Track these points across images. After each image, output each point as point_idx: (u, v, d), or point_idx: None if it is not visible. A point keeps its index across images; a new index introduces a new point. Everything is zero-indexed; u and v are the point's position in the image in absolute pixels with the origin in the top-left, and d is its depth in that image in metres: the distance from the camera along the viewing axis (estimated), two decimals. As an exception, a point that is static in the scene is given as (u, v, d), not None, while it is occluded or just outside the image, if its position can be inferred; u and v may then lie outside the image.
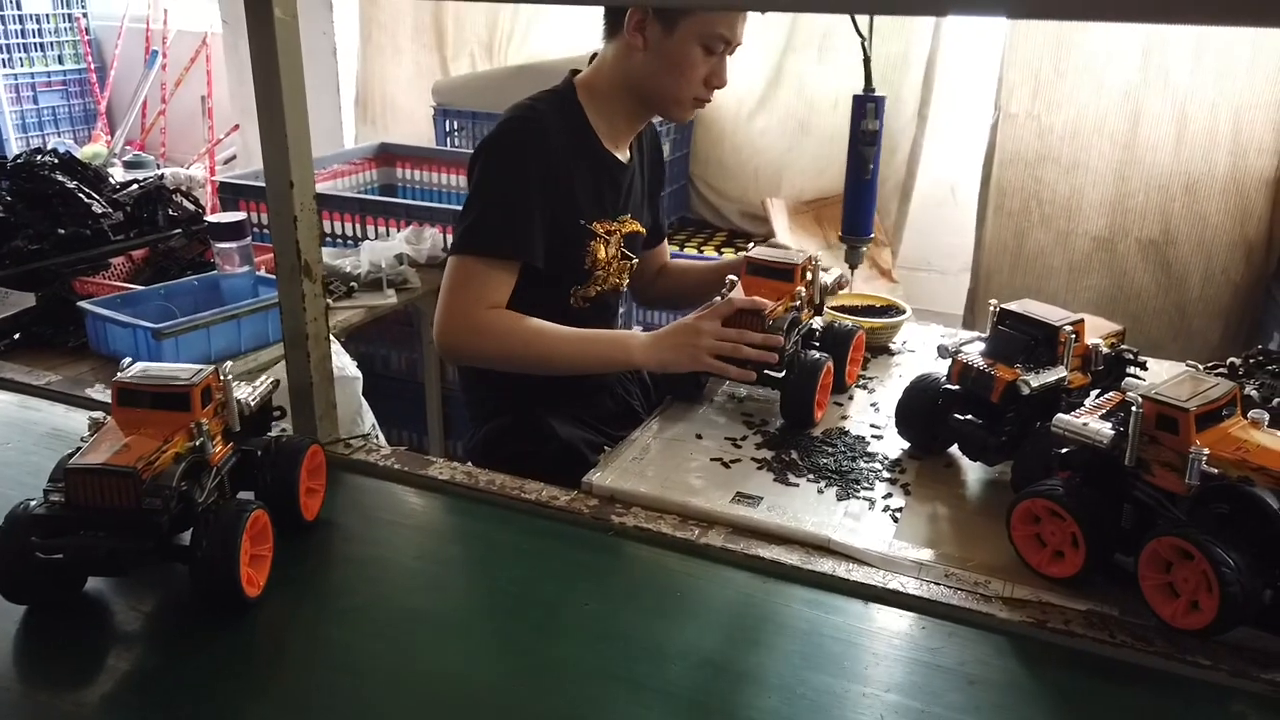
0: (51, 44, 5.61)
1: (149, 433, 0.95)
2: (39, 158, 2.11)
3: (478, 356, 1.54)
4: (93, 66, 5.67)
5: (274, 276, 1.68)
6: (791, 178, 3.56)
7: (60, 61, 5.64)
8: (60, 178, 2.04)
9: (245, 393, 1.07)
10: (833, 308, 1.76)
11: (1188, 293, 3.09)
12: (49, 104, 5.59)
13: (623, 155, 1.62)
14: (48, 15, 5.58)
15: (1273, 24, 0.47)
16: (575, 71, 1.60)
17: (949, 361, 1.31)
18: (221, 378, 1.02)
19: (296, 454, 1.09)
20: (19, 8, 5.49)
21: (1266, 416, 1.01)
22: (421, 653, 0.94)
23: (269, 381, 1.13)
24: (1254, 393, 1.38)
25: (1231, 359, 1.52)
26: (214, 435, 0.99)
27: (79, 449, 0.94)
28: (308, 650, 0.96)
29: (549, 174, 1.49)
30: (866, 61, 1.49)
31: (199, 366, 1.01)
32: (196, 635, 0.94)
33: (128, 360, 1.02)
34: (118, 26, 5.55)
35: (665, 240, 1.88)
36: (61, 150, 2.23)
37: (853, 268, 1.58)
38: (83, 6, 5.70)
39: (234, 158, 4.98)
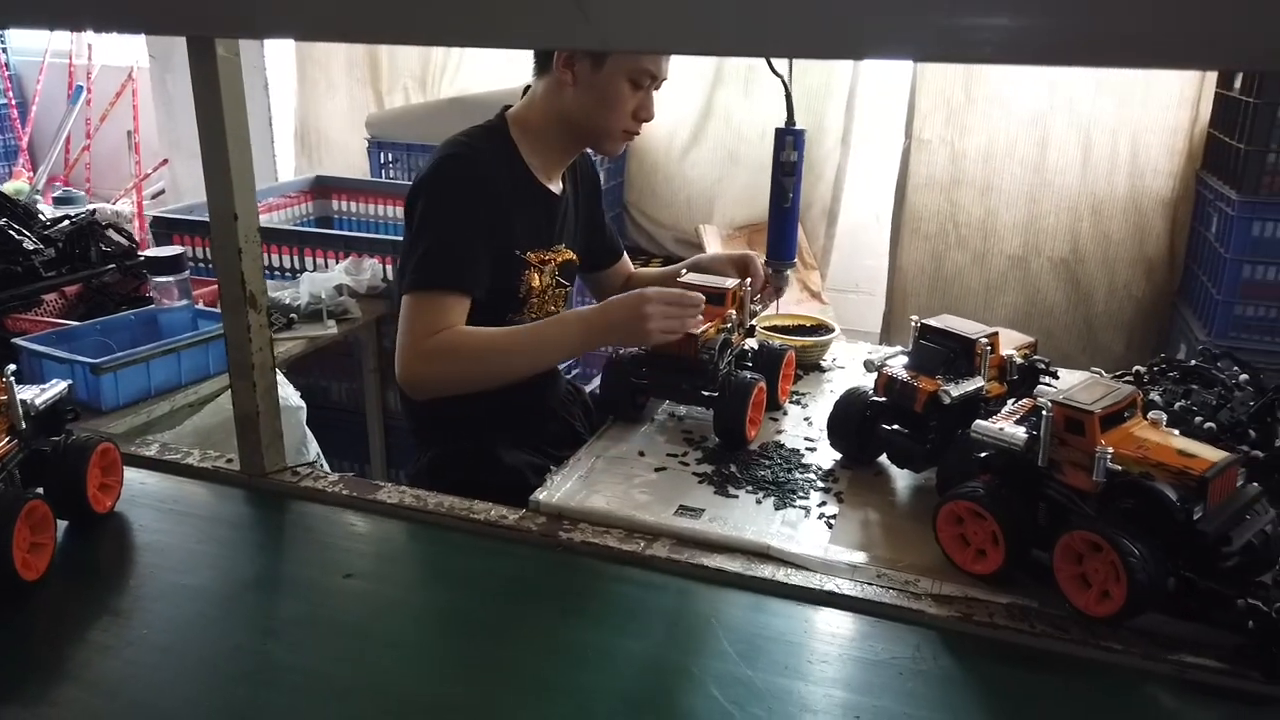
0: (-31, 80, 5.49)
1: None
2: (-35, 195, 2.08)
3: (439, 383, 1.51)
4: (13, 102, 5.54)
5: (213, 309, 1.68)
6: (723, 206, 3.66)
7: (-22, 97, 5.51)
8: (-12, 215, 2.01)
9: (31, 394, 1.14)
10: (765, 328, 1.83)
11: (1094, 307, 3.23)
12: (-34, 140, 5.46)
13: (555, 187, 1.67)
14: (-36, 51, 5.47)
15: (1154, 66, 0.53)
16: (507, 107, 1.65)
17: (875, 375, 1.38)
18: (3, 379, 1.09)
19: (84, 451, 1.16)
20: (-66, 44, 5.36)
21: (1164, 417, 1.10)
22: (215, 635, 1.00)
23: (61, 385, 1.19)
24: (1157, 398, 1.47)
25: (1137, 367, 1.61)
26: None
27: None
28: (88, 630, 1.01)
29: (487, 206, 1.52)
30: (788, 97, 1.57)
31: None
32: None
33: None
34: (39, 62, 5.44)
35: (624, 255, 1.94)
36: (-13, 187, 2.20)
37: (778, 290, 1.64)
38: (2, 42, 5.58)
39: (162, 192, 4.91)
